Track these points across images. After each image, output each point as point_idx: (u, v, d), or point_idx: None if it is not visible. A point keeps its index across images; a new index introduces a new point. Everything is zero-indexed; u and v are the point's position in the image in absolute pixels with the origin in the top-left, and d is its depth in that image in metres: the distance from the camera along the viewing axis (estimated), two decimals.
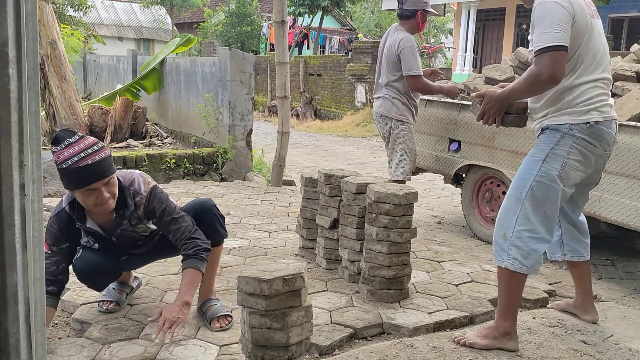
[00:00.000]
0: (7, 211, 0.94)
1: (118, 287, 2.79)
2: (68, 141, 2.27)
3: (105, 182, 2.31)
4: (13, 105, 0.93)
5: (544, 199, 2.43)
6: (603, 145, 2.48)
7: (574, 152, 2.42)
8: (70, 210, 2.45)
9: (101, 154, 2.30)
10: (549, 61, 2.28)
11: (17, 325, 0.96)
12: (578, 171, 2.46)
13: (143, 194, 2.48)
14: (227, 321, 2.61)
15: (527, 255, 2.42)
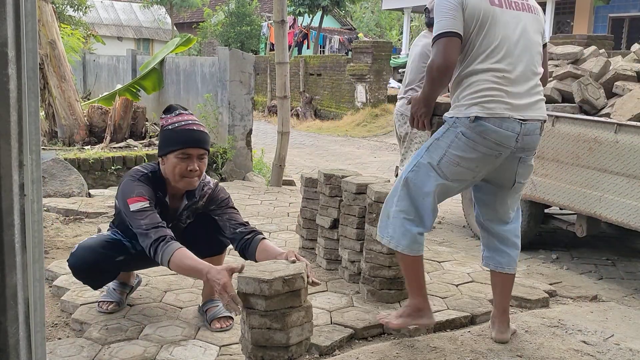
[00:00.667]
0: (7, 211, 0.93)
1: (118, 288, 2.78)
2: (179, 111, 2.50)
3: (200, 153, 2.43)
4: (12, 105, 0.93)
5: (420, 185, 2.40)
6: (488, 144, 2.30)
7: (454, 146, 2.34)
8: (153, 178, 2.47)
9: (206, 130, 2.50)
10: (438, 48, 2.29)
11: (16, 326, 0.96)
12: (459, 167, 2.35)
13: (211, 185, 2.63)
14: (228, 322, 2.61)
15: (402, 235, 2.42)
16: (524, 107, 2.34)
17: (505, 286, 2.61)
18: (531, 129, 2.36)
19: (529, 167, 2.50)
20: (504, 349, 2.48)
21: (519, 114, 2.32)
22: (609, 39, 11.07)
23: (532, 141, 2.40)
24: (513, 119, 2.30)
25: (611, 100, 3.94)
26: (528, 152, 2.43)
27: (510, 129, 2.30)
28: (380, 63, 14.23)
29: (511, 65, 2.33)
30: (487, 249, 2.64)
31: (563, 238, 4.81)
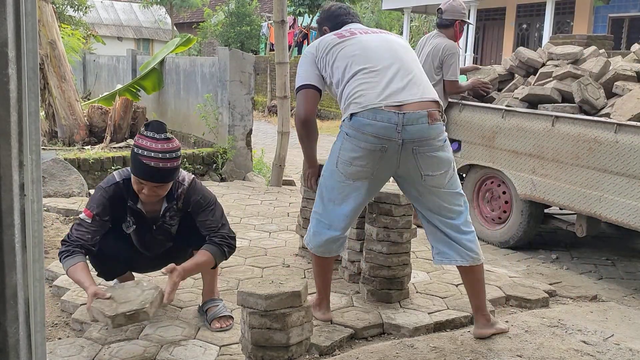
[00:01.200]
0: (7, 211, 0.93)
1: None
2: (153, 135, 2.40)
3: (157, 185, 2.43)
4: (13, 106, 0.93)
5: (329, 189, 2.52)
6: (367, 137, 2.38)
7: (344, 147, 2.44)
8: (124, 186, 2.52)
9: (174, 163, 2.41)
10: (297, 100, 2.60)
11: (16, 326, 0.96)
12: (353, 166, 2.43)
13: (185, 184, 2.58)
14: (228, 322, 2.61)
15: (313, 235, 2.57)
16: (400, 97, 2.40)
17: (469, 281, 2.58)
18: (412, 118, 2.36)
19: (432, 158, 2.41)
20: (504, 348, 2.48)
21: (394, 102, 2.37)
22: (609, 39, 11.06)
23: (418, 131, 2.37)
24: (388, 110, 2.35)
25: (611, 100, 3.94)
26: (419, 143, 2.38)
27: (386, 119, 2.35)
28: None
29: (378, 63, 2.46)
30: (435, 244, 2.58)
31: (563, 238, 4.81)
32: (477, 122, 4.48)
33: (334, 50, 2.55)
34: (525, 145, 4.09)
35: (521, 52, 4.79)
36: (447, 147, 2.49)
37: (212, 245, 2.50)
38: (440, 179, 2.46)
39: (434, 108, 2.43)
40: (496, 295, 3.10)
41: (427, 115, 2.38)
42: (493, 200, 4.59)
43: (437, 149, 2.42)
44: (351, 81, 2.46)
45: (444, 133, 2.48)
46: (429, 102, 2.44)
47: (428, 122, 2.38)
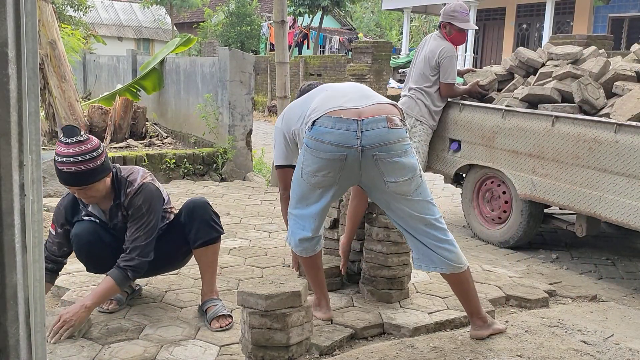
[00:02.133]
0: (7, 211, 0.93)
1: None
2: (65, 140, 2.38)
3: (79, 188, 2.44)
4: (13, 106, 0.93)
5: (298, 194, 2.55)
6: (326, 146, 2.37)
7: (306, 159, 2.45)
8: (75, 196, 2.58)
9: (88, 165, 2.38)
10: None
11: (16, 326, 0.96)
12: (316, 177, 2.43)
13: (134, 186, 2.55)
14: (227, 321, 2.61)
15: (290, 235, 2.62)
16: (358, 103, 2.43)
17: (455, 288, 2.54)
18: (371, 123, 2.34)
19: (393, 164, 2.36)
20: (504, 348, 2.48)
21: (352, 107, 2.40)
22: (609, 39, 11.06)
23: (377, 136, 2.34)
24: (347, 118, 2.36)
25: (611, 100, 3.94)
26: (379, 148, 2.34)
27: (345, 127, 2.35)
28: (380, 63, 14.23)
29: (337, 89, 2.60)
30: (416, 251, 2.53)
31: (563, 238, 4.81)
32: (477, 122, 4.48)
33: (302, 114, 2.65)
34: (525, 145, 4.09)
35: (521, 52, 4.79)
36: (410, 153, 2.42)
37: (116, 270, 2.48)
38: (404, 185, 2.39)
39: (393, 113, 2.41)
40: (496, 295, 3.11)
41: (386, 119, 2.36)
42: (493, 200, 4.60)
43: (399, 154, 2.37)
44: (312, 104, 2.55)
45: (407, 139, 2.42)
46: (388, 106, 2.45)
47: (387, 126, 2.35)
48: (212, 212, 2.72)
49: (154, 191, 2.58)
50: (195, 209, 2.68)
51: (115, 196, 2.56)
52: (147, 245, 2.53)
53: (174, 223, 2.74)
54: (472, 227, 4.81)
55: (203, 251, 2.68)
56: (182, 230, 2.68)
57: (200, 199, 2.75)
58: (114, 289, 2.51)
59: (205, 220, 2.66)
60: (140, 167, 2.70)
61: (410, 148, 2.44)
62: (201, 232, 2.65)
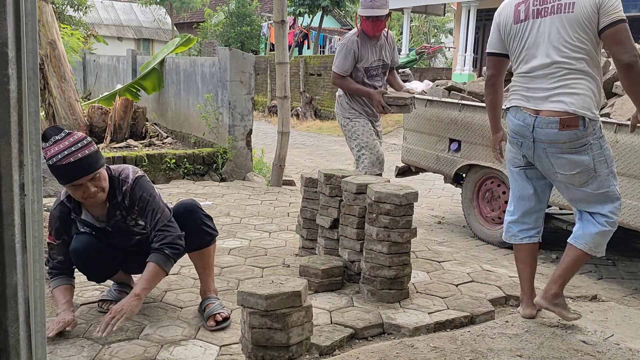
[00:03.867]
0: (7, 211, 0.93)
1: (119, 288, 2.79)
2: (55, 138, 2.36)
3: (90, 177, 2.38)
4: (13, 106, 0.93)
5: (510, 179, 2.90)
6: (510, 132, 2.74)
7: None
8: (67, 202, 2.54)
9: (85, 151, 2.36)
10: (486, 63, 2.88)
11: (17, 326, 0.96)
12: (510, 152, 2.80)
13: (129, 181, 2.53)
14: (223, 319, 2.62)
15: (505, 226, 2.93)
16: (538, 98, 2.60)
17: (567, 255, 2.72)
18: (543, 123, 2.55)
19: (561, 159, 2.58)
20: (504, 348, 2.48)
21: (532, 106, 2.60)
22: None
23: (547, 135, 2.55)
24: (518, 107, 2.65)
25: (611, 100, 3.94)
26: (548, 144, 2.57)
27: (519, 118, 2.65)
28: None
29: (529, 66, 2.63)
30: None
31: (563, 238, 4.81)
32: (477, 122, 4.48)
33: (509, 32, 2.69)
34: None
35: None
36: (584, 150, 2.55)
37: (154, 254, 2.46)
38: (579, 179, 2.60)
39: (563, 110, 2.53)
40: (496, 295, 3.10)
41: (559, 122, 2.52)
42: (493, 200, 4.60)
43: (571, 153, 2.56)
44: (514, 78, 2.72)
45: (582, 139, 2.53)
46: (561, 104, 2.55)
47: (555, 128, 2.53)
48: (203, 215, 2.67)
49: (148, 182, 2.59)
50: (185, 215, 2.63)
51: (110, 196, 2.51)
52: (172, 222, 2.52)
53: None
54: (472, 227, 4.80)
55: (198, 254, 2.69)
56: None
57: (189, 203, 2.69)
58: (160, 272, 2.45)
59: (197, 226, 2.64)
60: (130, 165, 2.67)
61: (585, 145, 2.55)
62: (194, 238, 2.63)
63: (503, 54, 2.75)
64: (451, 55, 22.67)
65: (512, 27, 2.66)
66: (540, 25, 2.58)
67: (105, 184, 2.45)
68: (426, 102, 5.01)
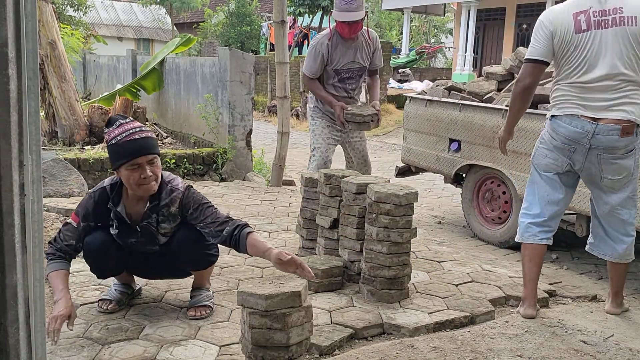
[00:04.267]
0: (7, 212, 0.93)
1: (120, 288, 2.79)
2: (119, 122, 2.49)
3: (149, 159, 2.46)
4: (13, 106, 0.93)
5: (531, 181, 2.95)
6: (561, 138, 2.76)
7: (543, 141, 2.86)
8: (109, 190, 2.57)
9: (148, 133, 2.50)
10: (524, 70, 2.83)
11: (16, 326, 0.96)
12: (547, 158, 2.83)
13: (180, 189, 2.60)
14: (204, 312, 2.67)
15: (520, 226, 2.95)
16: (598, 108, 2.67)
17: (612, 272, 2.99)
18: (604, 130, 2.65)
19: (613, 165, 2.71)
20: (504, 348, 2.48)
21: (591, 114, 2.68)
22: None
23: (608, 141, 2.66)
24: (578, 116, 2.70)
25: None
26: (605, 150, 2.68)
27: (576, 125, 2.70)
28: None
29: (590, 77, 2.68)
30: (592, 235, 3.00)
31: (563, 238, 4.81)
32: (477, 122, 4.48)
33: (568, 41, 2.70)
34: (525, 145, 4.09)
35: (521, 52, 4.79)
36: (630, 155, 2.72)
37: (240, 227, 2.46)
38: (622, 184, 2.79)
39: (625, 119, 2.65)
40: (496, 295, 3.11)
41: (621, 129, 2.64)
42: (493, 200, 4.60)
43: (623, 158, 2.72)
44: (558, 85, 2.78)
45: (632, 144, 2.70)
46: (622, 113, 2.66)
47: (617, 135, 2.65)
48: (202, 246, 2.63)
49: (197, 191, 2.66)
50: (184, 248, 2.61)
51: (153, 197, 2.55)
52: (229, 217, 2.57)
53: None
54: (472, 227, 4.81)
55: (196, 274, 2.78)
56: None
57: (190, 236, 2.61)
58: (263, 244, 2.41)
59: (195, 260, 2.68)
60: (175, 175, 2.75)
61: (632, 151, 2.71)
62: (194, 265, 2.71)
63: (546, 62, 2.77)
64: (451, 55, 22.68)
65: (574, 37, 2.69)
66: (602, 37, 2.65)
67: (159, 173, 2.52)
68: (426, 102, 5.01)
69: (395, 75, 16.75)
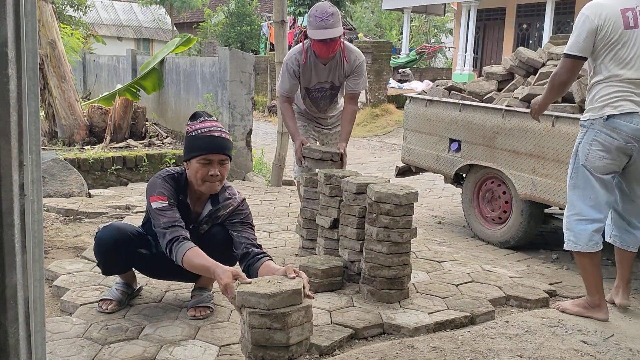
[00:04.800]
0: (7, 211, 0.93)
1: (121, 288, 2.79)
2: (204, 118, 2.58)
3: (221, 158, 2.53)
4: (12, 106, 0.93)
5: (583, 186, 2.85)
6: (624, 137, 2.73)
7: (596, 143, 2.79)
8: (179, 178, 2.61)
9: (227, 135, 2.59)
10: (562, 65, 2.84)
11: (16, 326, 0.96)
12: (605, 160, 2.78)
13: (237, 199, 2.67)
14: (205, 312, 2.67)
15: (577, 235, 2.87)
16: None
17: (624, 262, 3.03)
18: None
19: None
20: (504, 348, 2.48)
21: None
22: None
23: None
24: (635, 113, 2.71)
25: None
26: None
27: (637, 122, 2.71)
28: (380, 63, 14.23)
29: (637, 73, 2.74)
30: (615, 227, 3.01)
31: (563, 238, 4.81)
32: (478, 122, 4.48)
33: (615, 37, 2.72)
34: (526, 145, 4.09)
35: (521, 52, 4.79)
36: None
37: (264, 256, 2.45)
38: None
39: None
40: (496, 295, 3.11)
41: None
42: (493, 200, 4.60)
43: None
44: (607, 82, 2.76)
45: None
46: None
47: None
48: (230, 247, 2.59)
49: (249, 206, 2.72)
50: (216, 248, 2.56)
51: (213, 198, 2.62)
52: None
53: None
54: (472, 227, 4.81)
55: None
56: None
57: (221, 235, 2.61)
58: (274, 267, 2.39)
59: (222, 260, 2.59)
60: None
61: None
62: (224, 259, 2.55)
63: (585, 58, 2.79)
64: (451, 55, 22.68)
65: (623, 33, 2.71)
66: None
67: (225, 175, 2.59)
68: (426, 102, 5.01)
69: (395, 75, 16.75)
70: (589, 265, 2.87)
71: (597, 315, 2.85)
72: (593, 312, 2.86)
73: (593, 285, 2.87)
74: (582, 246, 2.85)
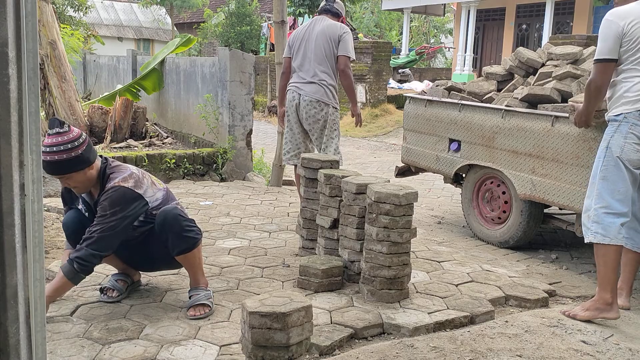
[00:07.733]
0: (7, 211, 0.94)
1: (120, 278, 2.86)
2: (54, 131, 2.50)
3: (58, 177, 2.59)
4: (13, 106, 0.93)
5: (614, 179, 2.84)
6: None
7: (631, 137, 2.80)
8: None
9: (63, 155, 2.47)
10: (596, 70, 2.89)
11: (17, 326, 0.96)
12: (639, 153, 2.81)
13: (112, 185, 2.59)
14: (204, 310, 2.68)
15: (606, 228, 2.84)
16: None
17: (631, 264, 3.05)
18: None
19: None
20: (504, 348, 2.49)
21: None
22: None
23: None
24: None
25: None
26: None
27: None
28: (380, 63, 14.22)
29: None
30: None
31: (563, 238, 4.81)
32: (477, 122, 4.48)
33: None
34: (525, 145, 4.09)
35: (521, 52, 4.79)
36: None
37: (66, 263, 2.51)
38: None
39: None
40: (496, 295, 3.11)
41: None
42: (493, 200, 4.59)
43: None
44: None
45: None
46: None
47: None
48: (184, 221, 2.67)
49: (126, 195, 2.58)
50: (165, 223, 2.65)
51: (100, 188, 2.64)
52: (100, 240, 2.50)
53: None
54: (472, 227, 4.81)
55: (183, 258, 2.74)
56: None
57: (170, 211, 2.68)
58: (65, 282, 2.50)
59: (177, 233, 2.65)
60: (132, 168, 2.71)
61: None
62: (175, 244, 2.67)
63: (616, 60, 2.86)
64: (451, 56, 22.68)
65: None
66: None
67: (81, 181, 2.57)
68: (426, 102, 5.01)
69: (395, 76, 16.74)
70: (612, 260, 2.83)
71: (609, 315, 2.83)
72: (605, 312, 2.83)
73: (610, 282, 2.84)
74: (611, 239, 2.82)
